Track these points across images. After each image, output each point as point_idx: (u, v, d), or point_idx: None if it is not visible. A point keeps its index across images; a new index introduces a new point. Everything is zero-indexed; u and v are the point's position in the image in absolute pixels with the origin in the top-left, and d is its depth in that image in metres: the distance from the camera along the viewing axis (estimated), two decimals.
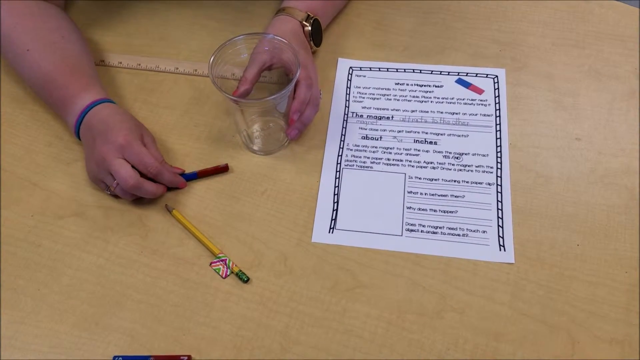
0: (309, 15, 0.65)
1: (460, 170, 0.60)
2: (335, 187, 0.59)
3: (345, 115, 0.65)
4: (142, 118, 0.63)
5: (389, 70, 0.68)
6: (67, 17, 0.66)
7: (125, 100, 0.66)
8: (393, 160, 0.61)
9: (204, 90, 0.67)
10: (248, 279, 0.53)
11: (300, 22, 0.64)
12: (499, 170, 0.59)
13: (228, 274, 0.54)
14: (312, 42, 0.65)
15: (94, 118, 0.57)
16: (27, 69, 0.61)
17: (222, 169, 0.60)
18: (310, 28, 0.64)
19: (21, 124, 0.64)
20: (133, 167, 0.55)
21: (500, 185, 0.58)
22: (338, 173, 0.60)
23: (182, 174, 0.59)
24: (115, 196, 0.58)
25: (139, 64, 0.69)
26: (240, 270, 0.54)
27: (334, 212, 0.57)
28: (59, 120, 0.64)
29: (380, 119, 0.64)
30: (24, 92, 0.67)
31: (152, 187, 0.56)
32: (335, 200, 0.58)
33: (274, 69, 0.62)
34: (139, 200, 0.58)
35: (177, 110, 0.65)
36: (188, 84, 0.68)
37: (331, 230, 0.56)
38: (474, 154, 0.61)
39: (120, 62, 0.69)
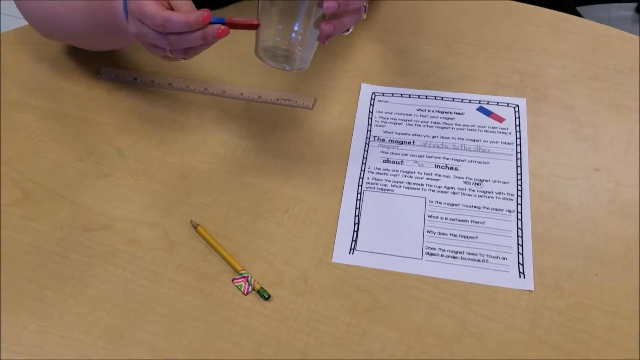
0: None
1: (481, 196, 0.61)
2: (356, 208, 0.60)
3: (367, 139, 0.66)
4: (170, 136, 0.66)
5: (411, 96, 0.70)
6: None
7: (155, 118, 0.68)
8: (414, 184, 0.62)
9: (230, 112, 0.69)
10: (269, 297, 0.54)
11: None
12: (519, 198, 0.60)
13: (249, 290, 0.55)
14: None
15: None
16: (69, 20, 0.63)
17: (255, 25, 0.54)
18: None
19: (53, 139, 0.67)
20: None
21: (521, 213, 0.59)
22: (359, 195, 0.61)
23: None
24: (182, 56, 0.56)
25: (170, 84, 0.71)
26: (262, 288, 0.55)
27: (355, 233, 0.58)
28: (90, 135, 0.66)
29: (401, 143, 0.66)
30: (56, 107, 0.69)
31: (179, 16, 0.51)
32: (356, 222, 0.59)
33: None
34: (165, 215, 0.59)
35: (205, 130, 0.67)
36: (216, 105, 0.70)
37: (352, 251, 0.57)
38: (494, 181, 0.62)
39: (152, 81, 0.71)
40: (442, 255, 0.57)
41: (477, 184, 0.61)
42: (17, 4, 0.69)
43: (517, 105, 0.68)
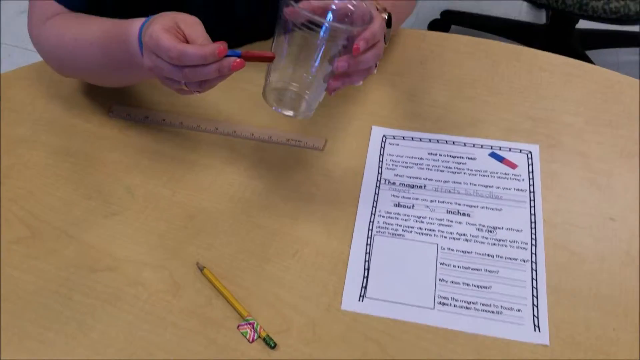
0: (385, 9, 0.63)
1: (494, 244, 0.59)
2: (366, 253, 0.59)
3: (378, 182, 0.65)
4: (180, 175, 0.65)
5: (422, 140, 0.70)
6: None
7: (165, 157, 0.68)
8: (425, 229, 0.61)
9: (240, 151, 0.69)
10: (275, 345, 0.53)
11: (379, 9, 0.61)
12: (533, 247, 0.59)
13: (255, 338, 0.53)
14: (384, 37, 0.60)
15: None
16: (83, 55, 0.64)
17: (270, 58, 0.54)
18: (387, 17, 0.62)
19: (63, 176, 0.66)
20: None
21: (535, 263, 0.58)
22: (369, 239, 0.60)
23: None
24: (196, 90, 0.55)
25: (181, 122, 0.71)
26: (268, 335, 0.53)
27: (365, 279, 0.57)
28: (100, 173, 0.66)
29: (412, 187, 0.65)
30: (67, 144, 0.69)
31: (195, 49, 0.51)
32: (366, 267, 0.58)
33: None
34: (171, 256, 0.58)
35: (214, 169, 0.67)
36: (227, 144, 0.69)
37: (361, 298, 0.56)
38: (507, 229, 0.60)
39: (164, 120, 0.71)
40: (454, 305, 0.55)
41: (490, 232, 0.60)
42: (32, 40, 0.70)
43: (530, 152, 0.67)
